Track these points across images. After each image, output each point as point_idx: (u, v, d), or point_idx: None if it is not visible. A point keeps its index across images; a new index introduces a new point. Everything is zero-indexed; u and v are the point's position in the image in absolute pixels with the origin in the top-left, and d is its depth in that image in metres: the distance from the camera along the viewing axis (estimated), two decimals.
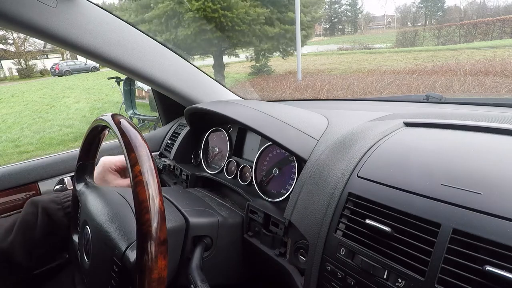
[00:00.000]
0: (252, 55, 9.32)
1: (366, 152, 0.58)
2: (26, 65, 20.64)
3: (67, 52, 17.91)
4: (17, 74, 20.64)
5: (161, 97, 1.24)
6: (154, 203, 0.41)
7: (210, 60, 8.95)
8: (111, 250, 0.50)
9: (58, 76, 18.17)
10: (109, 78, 4.97)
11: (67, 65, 19.03)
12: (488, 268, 0.36)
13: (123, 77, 3.79)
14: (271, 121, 0.75)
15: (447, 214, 0.42)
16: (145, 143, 0.45)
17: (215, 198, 0.79)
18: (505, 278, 0.35)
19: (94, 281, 0.56)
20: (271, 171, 0.77)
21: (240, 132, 0.92)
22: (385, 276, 0.44)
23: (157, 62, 0.94)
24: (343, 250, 0.50)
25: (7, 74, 21.18)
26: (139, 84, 2.39)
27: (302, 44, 8.51)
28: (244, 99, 1.17)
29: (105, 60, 0.84)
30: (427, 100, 0.87)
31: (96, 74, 16.78)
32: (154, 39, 0.94)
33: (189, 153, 1.05)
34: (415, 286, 0.41)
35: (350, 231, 0.51)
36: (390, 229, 0.46)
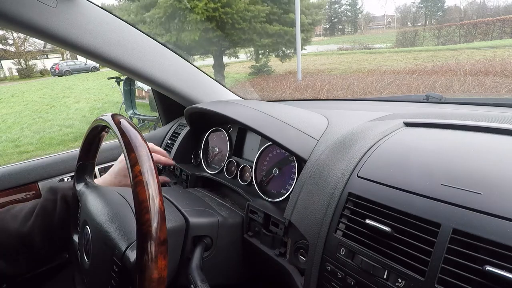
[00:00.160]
0: (252, 52, 9.28)
1: (366, 152, 0.58)
2: (26, 65, 20.62)
3: (67, 52, 17.90)
4: (17, 74, 20.62)
5: (161, 97, 1.24)
6: (154, 203, 0.41)
7: (210, 60, 8.94)
8: (111, 250, 0.50)
9: (58, 76, 18.16)
10: (109, 78, 4.97)
11: (67, 65, 19.02)
12: (488, 268, 0.36)
13: (123, 77, 3.79)
14: (271, 121, 0.75)
15: (447, 214, 0.42)
16: (145, 143, 0.46)
17: (215, 198, 0.79)
18: (505, 278, 0.35)
19: (94, 281, 0.56)
20: (271, 171, 0.77)
21: (240, 132, 0.92)
22: (385, 276, 0.44)
23: (157, 62, 0.94)
24: (343, 250, 0.50)
25: (7, 74, 21.16)
26: (139, 84, 2.38)
27: (301, 46, 8.49)
28: (244, 99, 1.17)
29: (105, 60, 0.84)
30: (427, 100, 0.87)
31: (96, 74, 16.78)
32: (154, 39, 0.94)
33: (189, 153, 1.05)
34: (415, 286, 0.41)
35: (350, 231, 0.51)
36: (390, 229, 0.46)
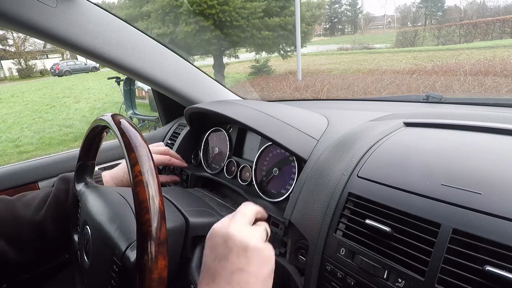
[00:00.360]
0: (251, 49, 9.24)
1: (366, 152, 0.58)
2: (26, 65, 20.60)
3: (67, 52, 17.89)
4: (17, 74, 20.60)
5: (161, 97, 1.24)
6: (154, 203, 0.41)
7: (210, 60, 8.94)
8: (111, 250, 0.50)
9: (58, 76, 18.15)
10: (109, 78, 4.97)
11: (67, 65, 19.02)
12: (488, 268, 0.36)
13: (123, 77, 3.79)
14: (271, 121, 0.75)
15: (447, 214, 0.42)
16: (145, 143, 0.45)
17: (215, 198, 0.79)
18: (505, 278, 0.35)
19: (94, 281, 0.56)
20: (271, 171, 0.77)
21: (240, 132, 0.92)
22: (385, 276, 0.44)
23: (157, 62, 0.94)
24: (343, 250, 0.50)
25: (7, 74, 21.15)
26: (139, 84, 2.39)
27: (302, 43, 8.46)
28: (244, 99, 1.17)
29: (105, 60, 0.84)
30: (427, 100, 0.87)
31: (96, 74, 16.78)
32: (154, 39, 0.94)
33: (189, 153, 1.05)
34: (415, 286, 0.41)
35: (350, 231, 0.51)
36: (390, 229, 0.46)
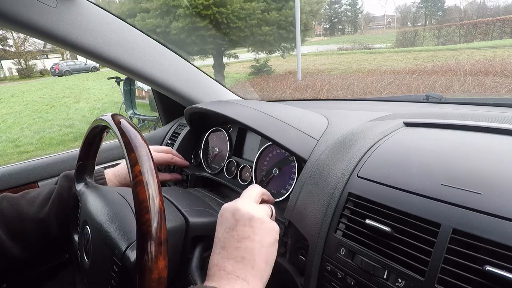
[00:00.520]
0: (251, 48, 9.21)
1: (366, 152, 0.58)
2: (26, 65, 20.60)
3: (67, 52, 17.88)
4: (17, 74, 20.60)
5: (161, 97, 1.24)
6: (154, 203, 0.41)
7: (210, 60, 8.93)
8: (111, 250, 0.50)
9: (58, 76, 18.15)
10: (109, 78, 4.97)
11: (67, 65, 19.02)
12: (488, 268, 0.36)
13: (123, 77, 3.79)
14: (271, 121, 0.75)
15: (447, 214, 0.42)
16: (145, 143, 0.45)
17: (215, 198, 0.78)
18: (505, 278, 0.35)
19: (94, 281, 0.56)
20: (271, 171, 0.77)
21: (240, 132, 0.92)
22: (385, 276, 0.44)
23: (157, 62, 0.94)
24: (343, 250, 0.50)
25: (7, 74, 21.14)
26: (139, 84, 2.38)
27: (302, 40, 8.42)
28: (244, 99, 1.17)
29: (105, 60, 0.84)
30: (427, 100, 0.87)
31: (96, 74, 16.79)
32: (154, 39, 0.94)
33: (189, 153, 1.05)
34: (415, 286, 0.41)
35: (350, 231, 0.51)
36: (390, 229, 0.46)
